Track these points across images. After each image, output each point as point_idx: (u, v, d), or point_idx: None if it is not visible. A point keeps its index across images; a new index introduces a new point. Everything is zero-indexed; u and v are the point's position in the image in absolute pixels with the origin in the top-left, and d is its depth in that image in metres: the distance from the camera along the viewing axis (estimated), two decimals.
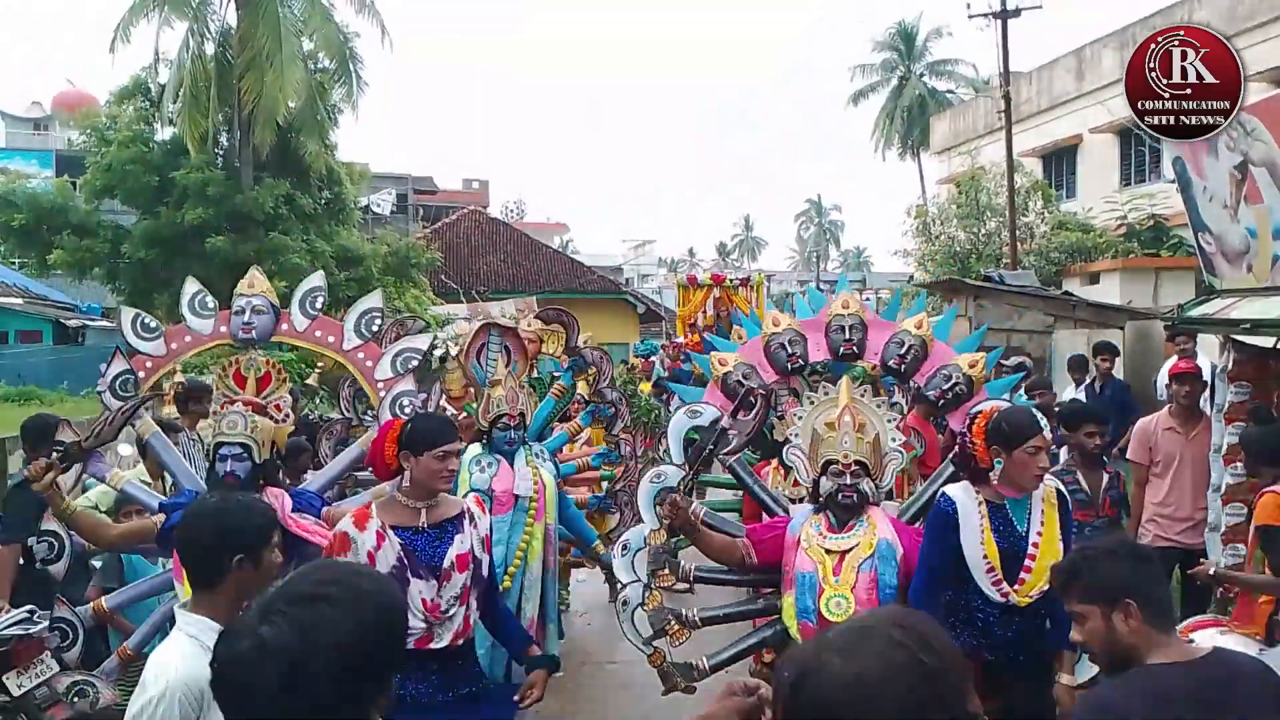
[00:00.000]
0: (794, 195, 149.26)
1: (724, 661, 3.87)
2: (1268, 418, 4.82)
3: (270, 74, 18.07)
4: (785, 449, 4.04)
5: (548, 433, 5.58)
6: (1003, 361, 6.98)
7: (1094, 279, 15.89)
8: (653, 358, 12.75)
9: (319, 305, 4.58)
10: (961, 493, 3.50)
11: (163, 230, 18.47)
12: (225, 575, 2.35)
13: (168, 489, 5.04)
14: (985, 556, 3.40)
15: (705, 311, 14.76)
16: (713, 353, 4.52)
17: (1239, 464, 4.88)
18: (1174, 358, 6.82)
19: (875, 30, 41.45)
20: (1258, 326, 4.53)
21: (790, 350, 4.26)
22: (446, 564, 3.19)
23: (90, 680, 3.79)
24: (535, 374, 7.00)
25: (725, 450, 4.03)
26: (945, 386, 4.12)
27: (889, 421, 3.85)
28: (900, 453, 3.91)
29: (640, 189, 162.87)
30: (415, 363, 4.56)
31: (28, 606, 3.94)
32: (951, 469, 3.88)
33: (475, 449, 4.63)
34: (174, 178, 18.47)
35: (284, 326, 4.52)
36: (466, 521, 3.30)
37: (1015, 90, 20.93)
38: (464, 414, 5.49)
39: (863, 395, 3.92)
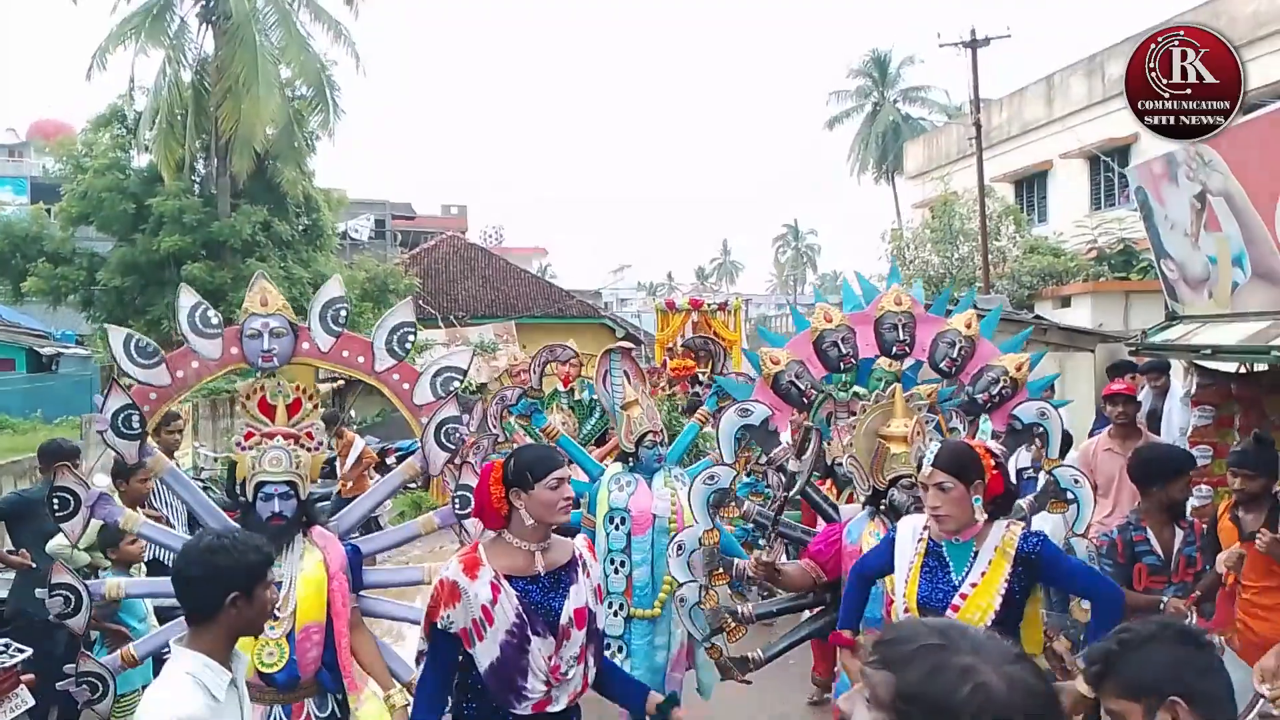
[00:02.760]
0: (771, 219, 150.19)
1: (778, 652, 4.14)
2: (1268, 441, 4.80)
3: (247, 101, 18.11)
4: (843, 456, 4.06)
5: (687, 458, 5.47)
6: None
7: (1065, 302, 16.12)
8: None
9: (343, 319, 4.06)
10: (908, 524, 3.22)
11: (139, 257, 18.40)
12: (219, 613, 2.33)
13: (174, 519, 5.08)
14: (905, 595, 3.06)
15: (684, 335, 14.83)
16: (763, 350, 4.38)
17: (1204, 485, 4.97)
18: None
19: (850, 56, 41.91)
20: (1218, 352, 4.63)
21: (843, 349, 4.20)
22: (564, 620, 2.86)
23: (101, 674, 3.76)
24: (576, 397, 7.08)
25: (791, 491, 4.16)
26: (994, 389, 4.09)
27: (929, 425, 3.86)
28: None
29: (618, 213, 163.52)
30: (457, 383, 4.15)
31: (1, 640, 3.95)
32: None
33: (616, 468, 4.70)
34: (150, 205, 18.43)
35: (305, 346, 4.01)
36: (580, 570, 2.96)
37: (986, 116, 21.29)
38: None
39: (910, 398, 3.94)
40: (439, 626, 2.81)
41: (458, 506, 4.02)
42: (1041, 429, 4.08)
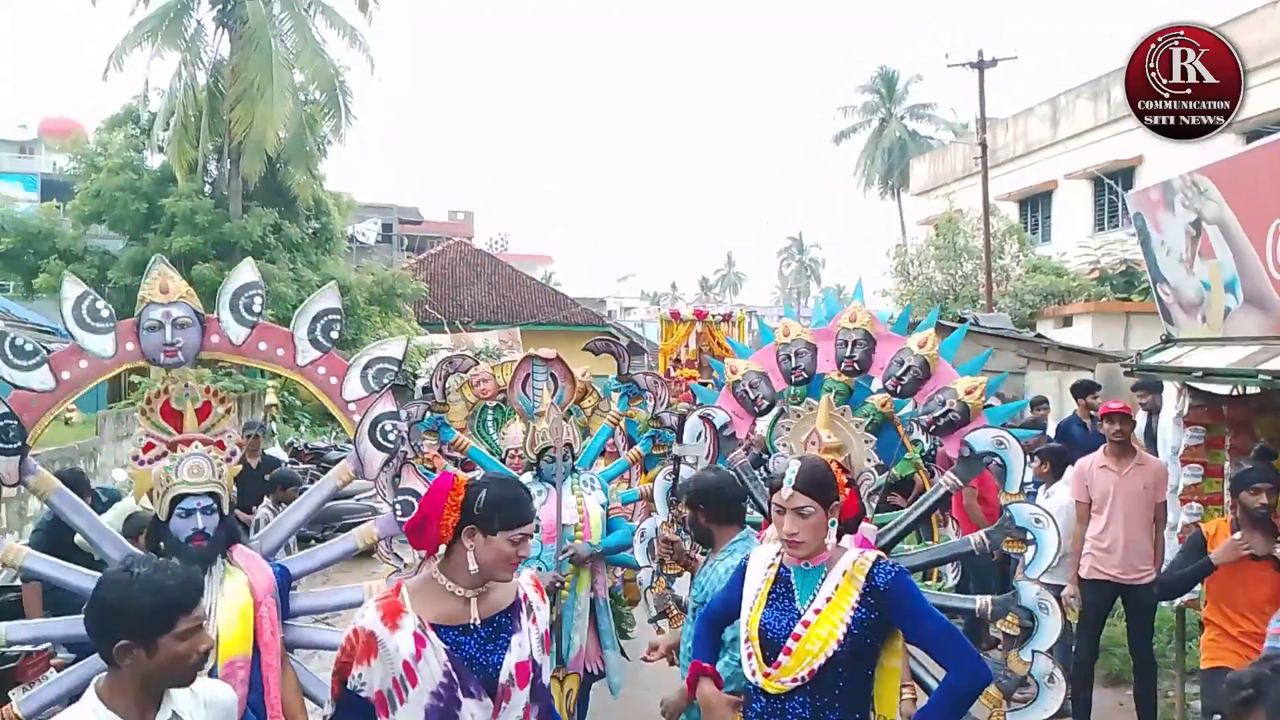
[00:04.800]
0: (776, 232, 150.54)
1: None
2: (1270, 456, 4.90)
3: (261, 105, 18.34)
4: (772, 460, 4.05)
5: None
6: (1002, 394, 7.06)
7: (1067, 322, 16.28)
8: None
9: (257, 309, 3.57)
10: (761, 552, 2.94)
11: (150, 257, 18.49)
12: (114, 661, 1.99)
13: None
14: (748, 624, 2.76)
15: (687, 346, 14.96)
16: (727, 360, 4.55)
17: (1194, 504, 5.10)
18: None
19: (858, 72, 42.23)
20: (1209, 375, 4.77)
21: (795, 363, 4.22)
22: (504, 678, 2.39)
23: None
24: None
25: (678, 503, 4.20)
26: (939, 412, 3.95)
27: (867, 443, 3.83)
28: (873, 473, 3.79)
29: (624, 222, 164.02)
30: (390, 376, 3.66)
31: None
32: (942, 491, 3.91)
33: (526, 478, 4.72)
34: (163, 205, 18.68)
35: (214, 339, 3.53)
36: (524, 616, 2.48)
37: (992, 136, 21.48)
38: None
39: (843, 413, 3.85)
40: (349, 688, 2.34)
41: (399, 514, 3.62)
42: (996, 459, 3.83)
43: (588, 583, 4.72)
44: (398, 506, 3.65)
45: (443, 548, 2.44)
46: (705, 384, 9.13)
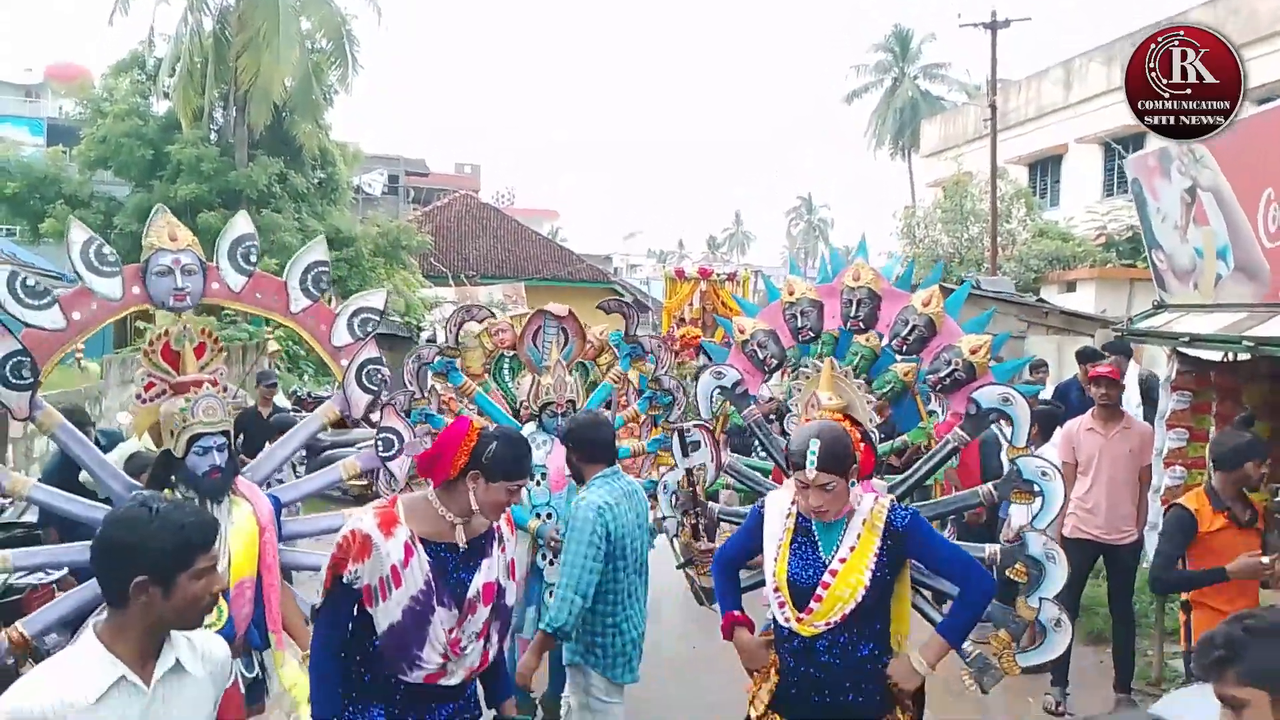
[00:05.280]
0: (785, 192, 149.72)
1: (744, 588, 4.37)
2: (1251, 424, 4.97)
3: (267, 54, 18.25)
4: (785, 420, 4.17)
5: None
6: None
7: (1070, 287, 16.26)
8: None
9: (254, 259, 3.82)
10: (777, 499, 3.17)
11: (155, 204, 18.56)
12: (127, 600, 1.92)
13: None
14: (775, 574, 3.02)
15: (692, 304, 14.99)
16: (735, 319, 4.61)
17: (1178, 466, 5.19)
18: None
19: (872, 30, 41.78)
20: (1195, 340, 4.83)
21: (801, 322, 4.25)
22: (472, 593, 2.74)
23: None
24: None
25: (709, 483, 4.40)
26: (944, 371, 3.99)
27: (870, 404, 3.85)
28: (874, 433, 3.80)
29: (631, 178, 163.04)
30: (374, 325, 3.99)
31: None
32: (950, 446, 3.98)
33: (530, 428, 4.82)
34: (168, 152, 18.64)
35: (214, 286, 3.73)
36: (495, 543, 2.84)
37: (1004, 98, 21.29)
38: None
39: (846, 373, 3.86)
40: (344, 580, 2.65)
41: (381, 449, 3.89)
42: (1004, 415, 3.89)
43: None
44: (379, 443, 3.90)
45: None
46: (709, 342, 9.20)
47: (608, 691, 3.81)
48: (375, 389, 3.88)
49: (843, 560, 2.92)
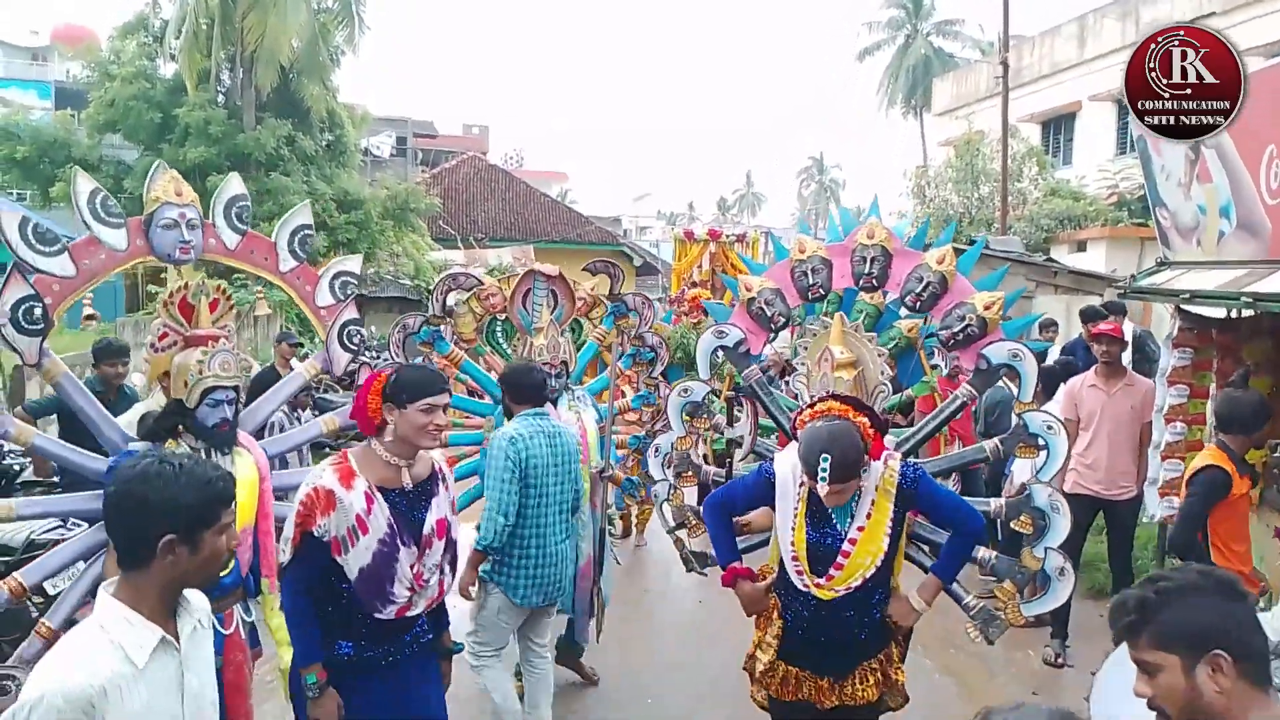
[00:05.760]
0: (796, 152, 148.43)
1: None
2: (1244, 385, 4.98)
3: (274, 14, 18.14)
4: (792, 378, 4.17)
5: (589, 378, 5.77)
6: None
7: (1081, 247, 16.18)
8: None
9: (247, 217, 4.00)
10: (785, 466, 3.31)
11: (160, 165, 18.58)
12: (151, 559, 1.89)
13: None
14: (793, 544, 3.20)
15: (701, 266, 14.98)
16: (741, 277, 4.57)
17: (1179, 423, 5.23)
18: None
19: None
20: (1196, 297, 4.85)
21: (811, 280, 4.24)
22: (428, 529, 3.02)
23: (9, 673, 3.33)
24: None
25: (741, 457, 4.38)
26: (958, 326, 4.02)
27: (880, 357, 3.90)
28: (887, 387, 3.88)
29: (641, 140, 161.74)
30: (353, 287, 4.23)
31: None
32: (959, 402, 4.03)
33: None
34: (176, 115, 18.60)
35: (211, 242, 3.88)
36: (440, 483, 3.11)
37: (1017, 55, 21.00)
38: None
39: (855, 329, 3.93)
40: (315, 534, 2.85)
41: None
42: (1013, 370, 3.97)
43: (587, 495, 4.83)
44: None
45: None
46: (718, 303, 9.23)
47: (502, 609, 4.14)
48: (354, 348, 4.12)
49: (860, 529, 3.12)
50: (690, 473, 4.41)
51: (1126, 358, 6.46)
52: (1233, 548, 4.09)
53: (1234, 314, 5.42)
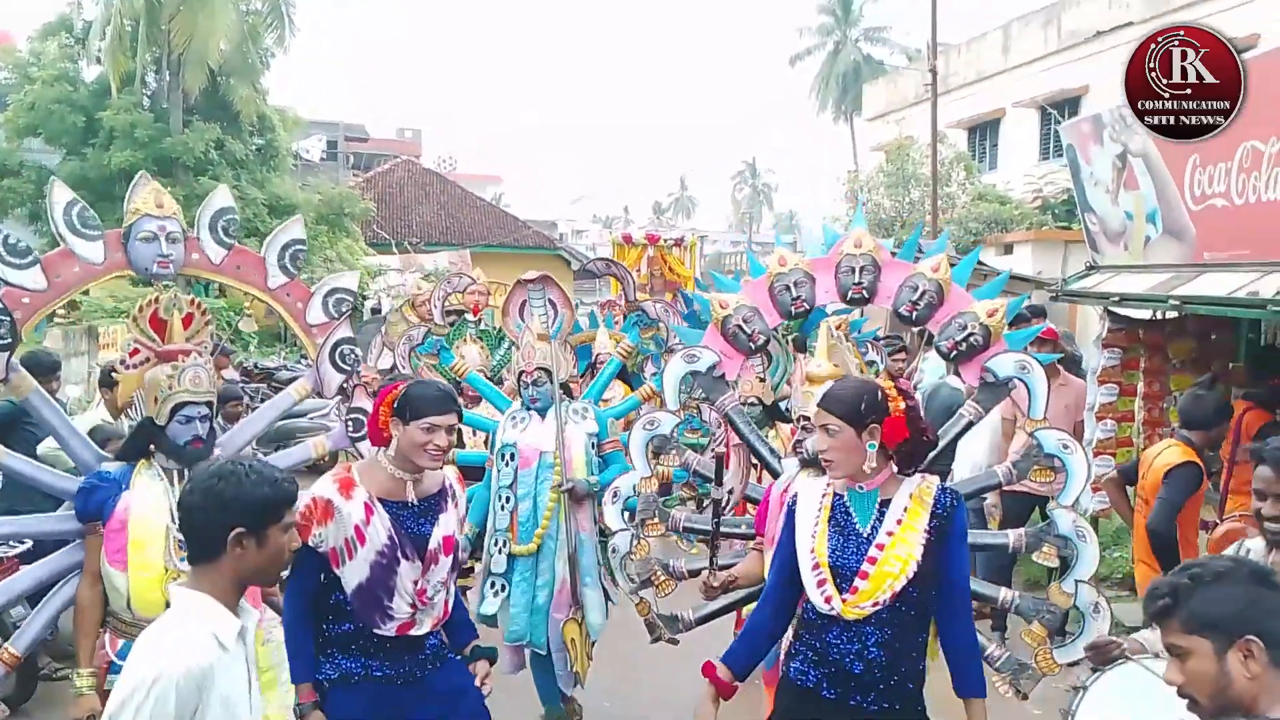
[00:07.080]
0: (729, 156, 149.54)
1: (709, 615, 3.81)
2: (1211, 387, 5.18)
3: (201, 15, 17.80)
4: (787, 405, 3.87)
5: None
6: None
7: (1008, 249, 16.64)
8: None
9: (234, 231, 3.82)
10: (807, 483, 2.96)
11: (89, 172, 18.12)
12: (222, 554, 2.02)
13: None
14: (812, 552, 2.71)
15: (639, 270, 15.04)
16: (713, 294, 4.10)
17: (1109, 420, 5.46)
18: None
19: None
20: (1125, 300, 5.07)
21: (795, 293, 3.87)
22: (433, 545, 2.93)
23: None
24: (483, 326, 7.24)
25: (721, 513, 3.76)
26: (959, 336, 3.66)
27: (869, 365, 3.75)
28: None
29: (575, 143, 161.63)
30: (347, 305, 4.03)
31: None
32: (965, 421, 3.72)
33: (515, 404, 4.58)
34: (101, 119, 18.11)
35: (194, 256, 3.72)
36: (449, 500, 3.04)
37: (945, 62, 21.51)
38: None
39: (839, 340, 3.69)
40: (310, 544, 2.78)
41: (351, 430, 3.93)
42: (1020, 384, 3.60)
43: (571, 514, 4.40)
44: (349, 424, 3.96)
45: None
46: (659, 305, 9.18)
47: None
48: (348, 368, 3.92)
49: (890, 533, 2.64)
50: (656, 519, 3.91)
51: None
52: (1188, 537, 4.33)
53: (1159, 315, 5.67)
